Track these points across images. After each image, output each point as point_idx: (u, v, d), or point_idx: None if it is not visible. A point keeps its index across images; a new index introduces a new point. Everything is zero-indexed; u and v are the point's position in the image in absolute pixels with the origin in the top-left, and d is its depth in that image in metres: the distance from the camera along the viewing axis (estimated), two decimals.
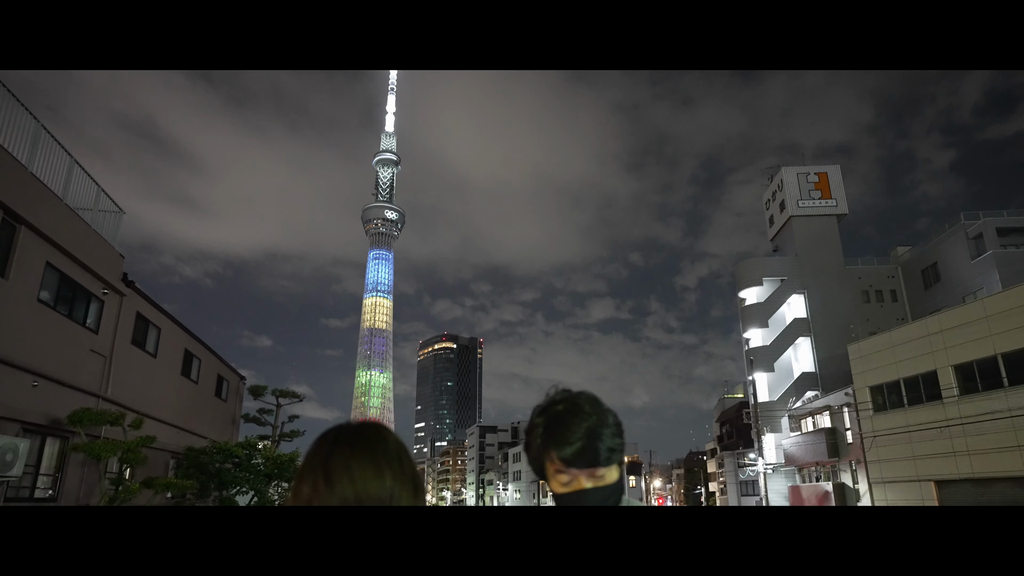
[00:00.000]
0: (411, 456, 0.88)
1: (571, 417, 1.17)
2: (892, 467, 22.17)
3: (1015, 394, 18.26)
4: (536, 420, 1.22)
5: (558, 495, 1.20)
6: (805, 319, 33.92)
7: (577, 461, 1.16)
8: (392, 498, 0.81)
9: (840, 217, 37.17)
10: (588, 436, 1.16)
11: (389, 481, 0.81)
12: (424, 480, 0.73)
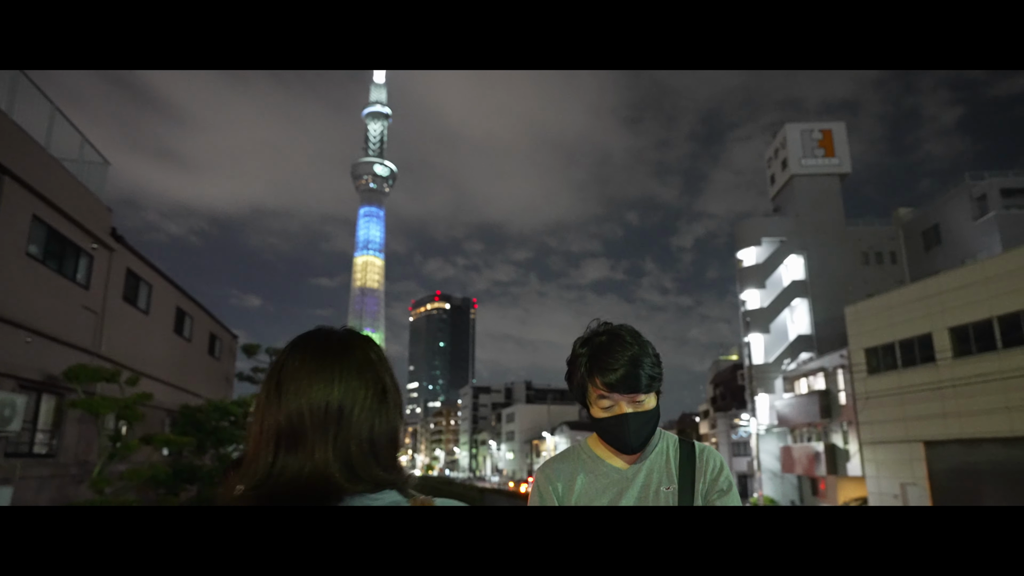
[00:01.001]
0: (389, 367, 0.83)
1: (614, 346, 1.28)
2: (883, 428, 22.53)
3: (1008, 356, 18.40)
4: (580, 351, 1.33)
5: (599, 419, 1.32)
6: (803, 281, 33.94)
7: (620, 387, 1.26)
8: (342, 410, 0.75)
9: (843, 177, 36.78)
10: (630, 364, 1.27)
11: (338, 392, 0.76)
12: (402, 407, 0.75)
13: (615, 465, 1.37)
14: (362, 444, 0.76)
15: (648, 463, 1.38)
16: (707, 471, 1.37)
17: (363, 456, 0.76)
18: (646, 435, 1.34)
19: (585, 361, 1.32)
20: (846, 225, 35.21)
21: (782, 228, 35.67)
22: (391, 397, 0.81)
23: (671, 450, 1.39)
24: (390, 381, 0.82)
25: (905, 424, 21.52)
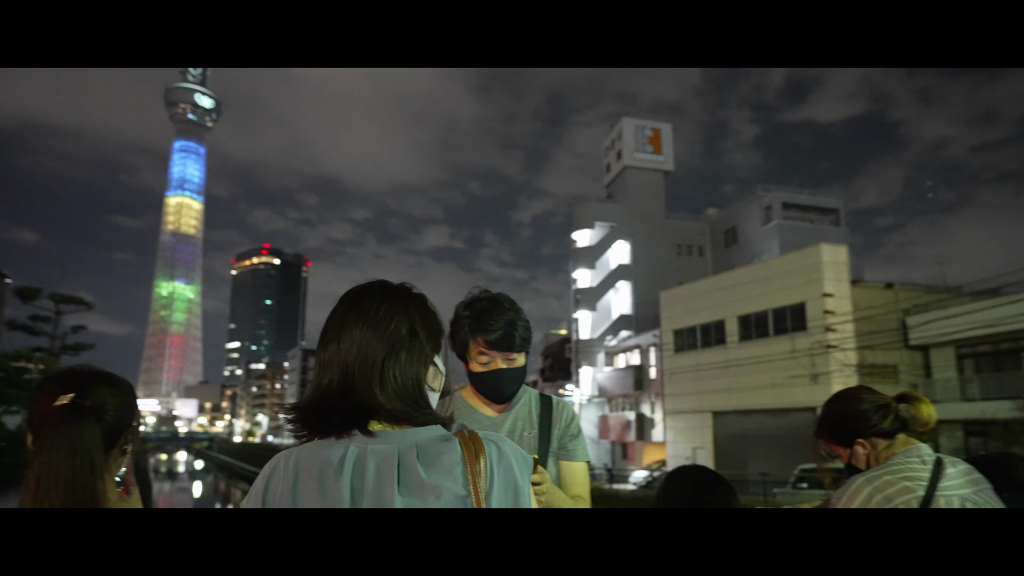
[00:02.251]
0: (426, 323, 0.95)
1: (494, 310, 1.47)
2: (682, 400, 26.28)
3: (776, 342, 22.47)
4: (463, 313, 1.50)
5: (477, 373, 1.50)
6: (628, 265, 37.50)
7: (498, 345, 1.45)
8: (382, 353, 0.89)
9: (667, 173, 40.91)
10: (508, 326, 1.46)
11: (378, 339, 0.89)
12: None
13: (486, 414, 1.57)
14: (397, 381, 0.89)
15: (514, 412, 1.60)
16: (562, 419, 1.62)
17: (398, 392, 0.88)
18: (516, 388, 1.55)
19: (468, 322, 1.48)
20: (666, 218, 39.41)
21: (613, 214, 38.81)
22: (418, 348, 0.92)
23: (533, 402, 1.62)
24: (424, 335, 0.93)
25: (699, 397, 25.33)
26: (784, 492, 15.52)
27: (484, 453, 0.87)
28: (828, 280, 21.42)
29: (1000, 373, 17.90)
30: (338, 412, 0.87)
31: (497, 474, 0.87)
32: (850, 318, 20.80)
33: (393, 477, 0.83)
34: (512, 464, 0.89)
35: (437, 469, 0.85)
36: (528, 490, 0.89)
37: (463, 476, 0.85)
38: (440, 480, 0.84)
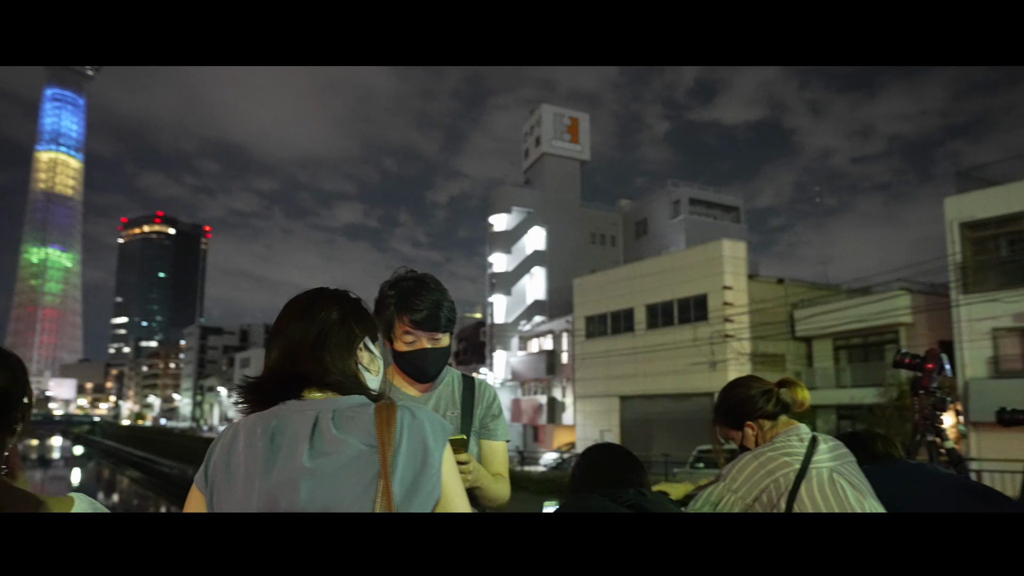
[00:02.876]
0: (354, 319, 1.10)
1: (421, 290, 1.49)
2: (592, 384, 27.37)
3: (679, 331, 23.88)
4: (388, 292, 1.51)
5: (402, 352, 1.51)
6: (543, 251, 38.26)
7: (423, 325, 1.47)
8: (313, 341, 1.04)
9: (583, 163, 41.95)
10: (434, 306, 1.48)
11: (312, 330, 1.05)
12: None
13: (409, 393, 1.57)
14: (327, 358, 1.04)
15: (437, 392, 1.60)
16: (484, 400, 1.64)
17: (326, 366, 1.04)
18: (440, 368, 1.56)
19: (394, 301, 1.49)
20: (581, 207, 40.49)
21: (531, 200, 39.36)
22: (347, 332, 1.08)
23: (455, 382, 1.64)
24: (354, 322, 1.09)
25: (608, 382, 26.49)
26: (683, 472, 16.65)
27: (396, 416, 0.96)
28: (728, 274, 22.92)
29: (868, 363, 20.14)
30: (277, 385, 1.03)
31: (407, 435, 0.95)
32: (746, 310, 22.45)
33: (307, 435, 0.95)
34: (425, 429, 0.97)
35: (348, 428, 0.95)
36: (440, 455, 0.97)
37: (371, 434, 0.94)
38: (348, 436, 0.94)
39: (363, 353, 1.12)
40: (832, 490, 1.50)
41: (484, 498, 1.50)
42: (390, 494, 0.91)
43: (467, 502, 1.01)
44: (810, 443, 1.58)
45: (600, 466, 1.54)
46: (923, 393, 2.86)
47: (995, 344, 15.88)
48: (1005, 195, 16.57)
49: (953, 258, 17.01)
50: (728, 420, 1.75)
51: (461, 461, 1.31)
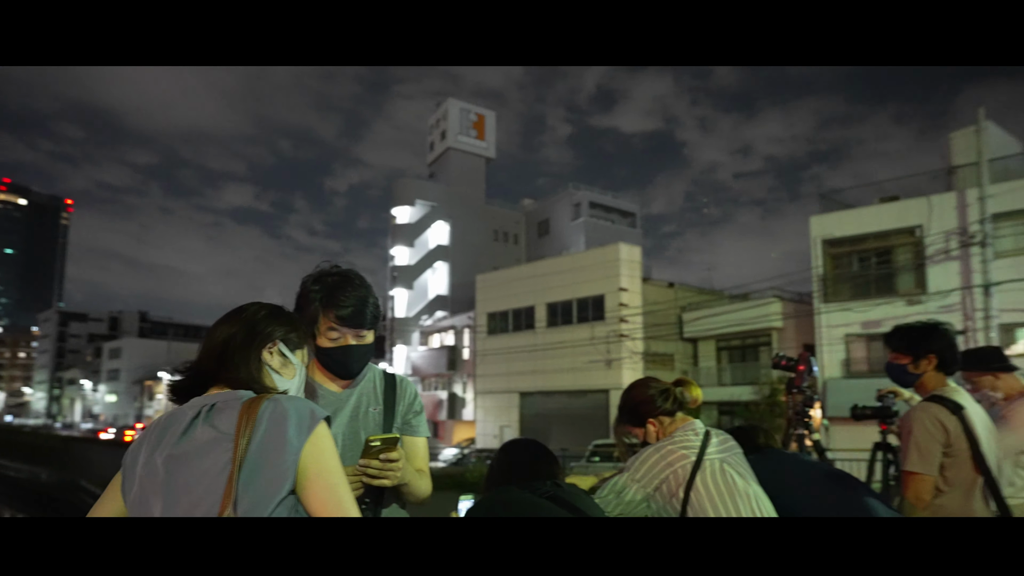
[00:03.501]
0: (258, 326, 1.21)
1: (346, 286, 1.48)
2: (493, 380, 27.81)
3: (577, 330, 24.85)
4: (312, 287, 1.49)
5: (326, 349, 1.50)
6: (447, 246, 38.15)
7: (349, 321, 1.46)
8: (220, 345, 1.17)
9: (488, 160, 42.27)
10: (359, 303, 1.47)
11: (220, 336, 1.18)
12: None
13: (331, 389, 1.56)
14: (235, 358, 1.16)
15: (359, 388, 1.59)
16: (406, 396, 1.65)
17: (231, 363, 1.16)
18: (364, 364, 1.56)
19: (319, 297, 1.47)
20: (485, 203, 40.81)
21: (435, 194, 39.06)
22: (258, 337, 1.19)
23: (377, 378, 1.63)
24: (265, 328, 1.20)
25: (508, 378, 27.03)
26: (580, 465, 17.44)
27: (259, 407, 1.05)
28: (624, 276, 24.13)
29: (745, 363, 22.18)
30: (191, 382, 1.16)
31: (266, 424, 1.03)
32: (640, 311, 23.82)
33: (185, 424, 1.06)
34: (288, 419, 1.04)
35: (216, 418, 1.05)
36: (300, 444, 1.04)
37: (233, 423, 1.03)
38: (212, 426, 1.04)
39: (273, 356, 1.20)
40: (723, 479, 1.67)
41: (409, 494, 1.54)
42: (234, 479, 0.98)
43: (338, 490, 1.05)
44: (704, 437, 1.74)
45: (518, 460, 1.61)
46: (795, 392, 3.15)
47: (847, 348, 18.14)
48: (856, 218, 18.90)
49: (816, 271, 19.13)
50: (631, 419, 1.89)
51: (392, 459, 1.34)
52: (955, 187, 17.66)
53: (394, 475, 1.36)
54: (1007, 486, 2.30)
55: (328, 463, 1.06)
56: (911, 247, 17.81)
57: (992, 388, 2.75)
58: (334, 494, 1.04)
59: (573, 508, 1.43)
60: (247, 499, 0.99)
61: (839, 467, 2.21)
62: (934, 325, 2.34)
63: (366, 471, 1.33)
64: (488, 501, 1.47)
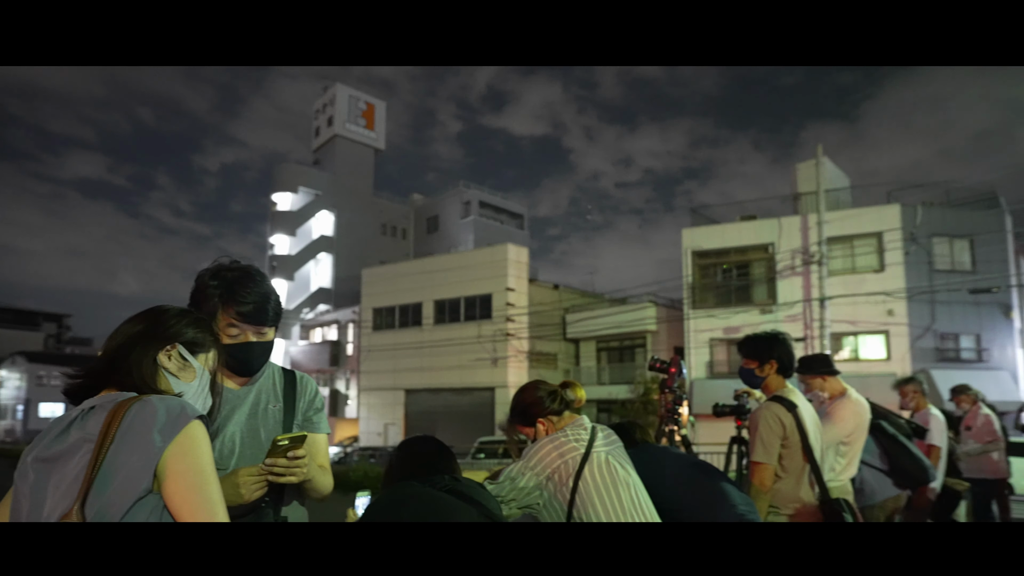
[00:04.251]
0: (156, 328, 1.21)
1: (247, 282, 1.46)
2: (378, 377, 27.36)
3: (465, 328, 25.16)
4: (210, 282, 1.45)
5: (224, 345, 1.45)
6: (331, 237, 36.76)
7: (251, 318, 1.45)
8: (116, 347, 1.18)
9: (377, 151, 41.26)
10: (262, 299, 1.46)
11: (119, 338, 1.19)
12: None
13: (229, 386, 1.52)
14: (128, 362, 1.16)
15: (258, 385, 1.57)
16: (307, 393, 1.64)
17: (120, 365, 1.16)
18: (264, 362, 1.54)
19: (218, 293, 1.43)
20: (373, 196, 39.83)
21: (320, 182, 37.43)
22: (151, 342, 1.19)
23: (276, 375, 1.62)
24: (161, 333, 1.20)
25: (394, 375, 26.73)
26: (465, 463, 17.80)
27: (127, 409, 1.04)
28: (512, 276, 24.77)
29: (623, 364, 23.79)
30: (86, 383, 1.16)
31: (131, 426, 1.03)
32: (526, 311, 24.64)
33: (62, 426, 1.07)
34: (153, 420, 1.04)
35: (87, 420, 1.05)
36: (163, 444, 1.03)
37: (98, 425, 1.03)
38: (84, 427, 1.04)
39: (172, 359, 1.20)
40: (608, 470, 1.85)
41: (312, 490, 1.54)
42: (87, 481, 0.98)
43: (204, 489, 1.05)
44: (591, 432, 1.92)
45: (417, 455, 1.65)
46: (667, 391, 3.50)
47: (711, 351, 20.15)
48: (721, 233, 21.04)
49: (686, 279, 21.03)
50: (522, 419, 2.02)
51: (299, 456, 1.35)
52: (800, 211, 20.25)
53: (300, 472, 1.37)
54: (828, 471, 2.78)
55: (194, 462, 1.05)
56: (765, 262, 20.14)
57: (820, 388, 3.34)
58: (199, 493, 1.03)
59: (471, 500, 1.50)
60: (99, 501, 0.98)
61: (703, 459, 2.53)
62: (775, 334, 2.75)
63: (272, 469, 1.34)
64: (389, 496, 1.51)
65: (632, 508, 1.84)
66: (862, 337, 18.47)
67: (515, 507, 1.83)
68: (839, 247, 18.97)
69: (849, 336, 18.59)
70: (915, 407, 4.64)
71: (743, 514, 2.15)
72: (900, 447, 3.57)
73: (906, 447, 3.59)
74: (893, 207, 18.76)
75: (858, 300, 17.95)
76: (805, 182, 20.71)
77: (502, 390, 23.33)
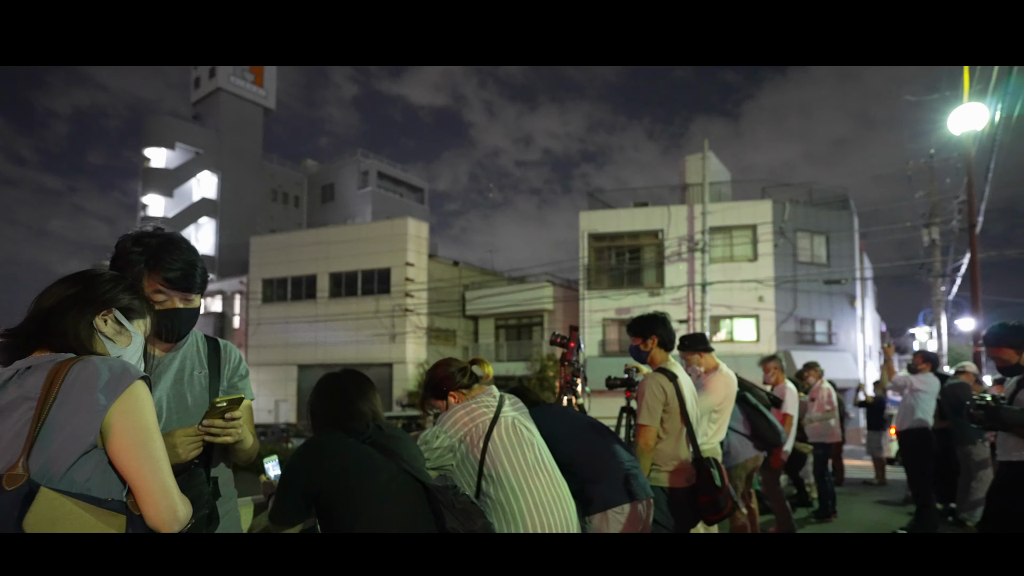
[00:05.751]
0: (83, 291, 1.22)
1: (172, 249, 1.45)
2: (268, 352, 26.09)
3: (363, 302, 24.66)
4: (133, 248, 1.44)
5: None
6: (214, 200, 34.17)
7: (178, 284, 1.45)
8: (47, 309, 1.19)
9: (267, 111, 38.61)
10: (188, 266, 1.46)
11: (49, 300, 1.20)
12: None
13: (153, 352, 1.52)
14: (58, 324, 1.17)
15: (183, 352, 1.57)
16: (231, 360, 1.66)
17: (54, 329, 1.16)
18: (190, 328, 1.54)
19: (143, 259, 1.43)
20: (264, 159, 37.36)
21: (202, 140, 34.54)
22: (81, 305, 1.20)
23: (200, 342, 1.63)
24: (91, 296, 1.21)
25: (286, 350, 25.65)
26: None
27: (68, 369, 1.08)
28: (411, 251, 24.50)
29: (520, 341, 24.50)
30: (15, 343, 1.17)
31: (73, 385, 1.06)
32: (425, 287, 24.56)
33: (2, 384, 1.09)
34: (96, 380, 1.08)
35: (25, 379, 1.08)
36: (107, 402, 1.07)
37: (39, 384, 1.06)
38: (21, 385, 1.07)
39: (108, 323, 1.22)
40: (515, 431, 2.08)
41: (243, 451, 1.59)
42: (31, 438, 1.01)
43: (148, 445, 1.11)
44: (499, 400, 2.15)
45: (334, 400, 1.74)
46: (566, 364, 3.79)
47: (604, 330, 21.33)
48: (616, 217, 22.17)
49: (582, 261, 21.99)
50: (434, 393, 2.23)
51: (235, 417, 1.41)
52: (687, 201, 21.81)
53: (235, 432, 1.42)
54: (701, 435, 3.24)
55: (139, 420, 1.09)
56: (655, 247, 21.54)
57: (698, 363, 3.87)
58: (144, 449, 1.09)
59: (391, 454, 1.62)
60: (43, 456, 1.02)
61: None
62: (655, 315, 3.18)
63: (209, 429, 1.38)
64: (314, 447, 1.63)
65: (536, 464, 2.07)
66: (737, 320, 20.43)
67: (430, 466, 1.97)
68: (720, 237, 20.71)
69: (726, 319, 20.49)
70: (775, 381, 5.40)
71: (628, 469, 2.50)
72: (760, 415, 4.23)
73: (764, 415, 4.25)
74: (766, 203, 20.74)
75: (734, 286, 19.79)
76: (692, 174, 22.26)
77: (400, 366, 23.24)
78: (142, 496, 1.08)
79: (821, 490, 6.12)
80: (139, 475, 1.08)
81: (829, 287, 19.71)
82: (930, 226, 15.92)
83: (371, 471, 1.61)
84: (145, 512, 1.08)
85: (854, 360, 20.30)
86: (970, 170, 10.81)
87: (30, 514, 0.97)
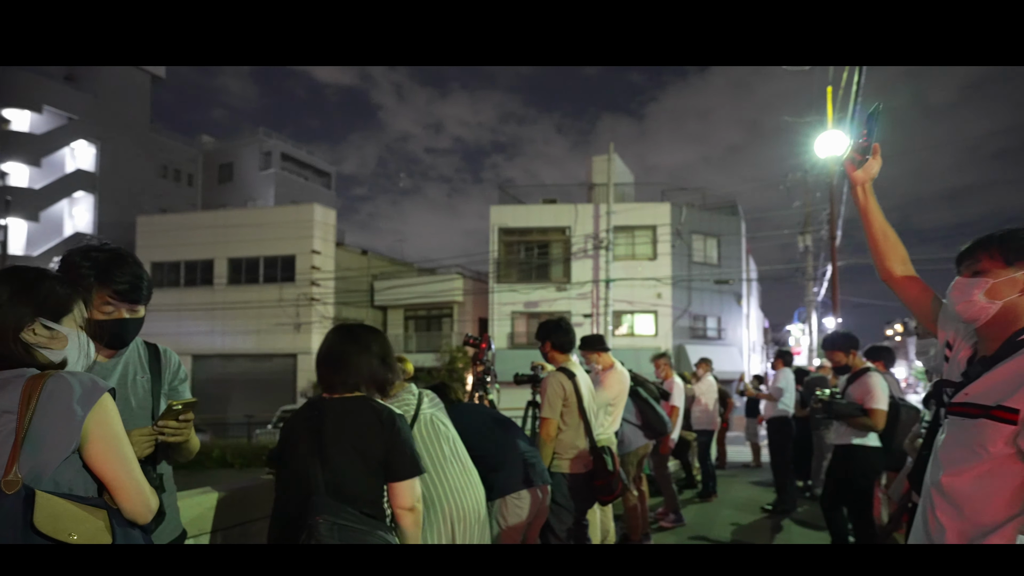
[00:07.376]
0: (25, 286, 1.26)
1: (120, 263, 1.54)
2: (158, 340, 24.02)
3: (264, 290, 23.71)
4: (82, 263, 1.51)
5: (101, 322, 1.53)
6: (92, 173, 31.09)
7: (126, 296, 1.54)
8: None
9: (155, 79, 35.58)
10: (136, 279, 1.55)
11: None
12: None
13: (97, 359, 1.57)
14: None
15: (125, 357, 1.65)
16: (171, 365, 1.75)
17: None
18: (134, 336, 1.63)
19: (92, 273, 1.50)
20: (152, 130, 34.42)
21: (76, 104, 30.90)
22: (14, 311, 1.22)
23: (140, 348, 1.71)
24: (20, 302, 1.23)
25: (178, 338, 23.91)
26: (265, 432, 17.12)
27: (43, 384, 1.15)
28: (318, 238, 23.81)
29: (429, 332, 24.54)
30: None
31: (50, 399, 1.14)
32: (332, 276, 23.98)
33: None
34: (73, 392, 1.16)
35: (2, 394, 1.14)
36: (83, 413, 1.16)
37: (15, 400, 1.12)
38: (2, 400, 1.13)
39: (37, 334, 1.24)
40: (433, 427, 2.24)
41: (187, 450, 1.69)
42: (18, 448, 1.10)
43: (121, 449, 1.23)
44: (418, 396, 2.28)
45: (349, 336, 1.94)
46: (478, 363, 4.00)
47: (512, 323, 21.88)
48: (526, 213, 22.77)
49: (492, 254, 22.40)
50: None
51: (189, 419, 1.53)
52: (593, 200, 22.79)
53: (186, 433, 1.55)
54: (598, 427, 3.63)
55: (111, 428, 1.21)
56: (562, 244, 22.35)
57: (596, 362, 4.27)
58: (117, 453, 1.21)
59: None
60: (31, 463, 1.11)
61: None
62: (551, 322, 3.54)
63: (164, 430, 1.50)
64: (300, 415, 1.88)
65: (452, 457, 2.28)
66: (637, 315, 21.69)
67: None
68: (623, 236, 21.86)
69: (627, 314, 21.69)
70: (664, 376, 6.07)
71: (527, 459, 2.80)
72: (650, 407, 4.76)
73: (654, 407, 4.78)
74: (665, 205, 22.13)
75: (635, 283, 21.00)
76: (599, 174, 23.26)
77: (305, 356, 22.58)
78: (119, 494, 1.21)
79: (704, 473, 6.89)
80: (115, 476, 1.21)
81: (719, 286, 21.42)
82: (804, 234, 17.80)
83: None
84: (122, 506, 1.21)
85: (740, 353, 22.23)
86: (832, 189, 12.26)
87: (38, 513, 1.08)
